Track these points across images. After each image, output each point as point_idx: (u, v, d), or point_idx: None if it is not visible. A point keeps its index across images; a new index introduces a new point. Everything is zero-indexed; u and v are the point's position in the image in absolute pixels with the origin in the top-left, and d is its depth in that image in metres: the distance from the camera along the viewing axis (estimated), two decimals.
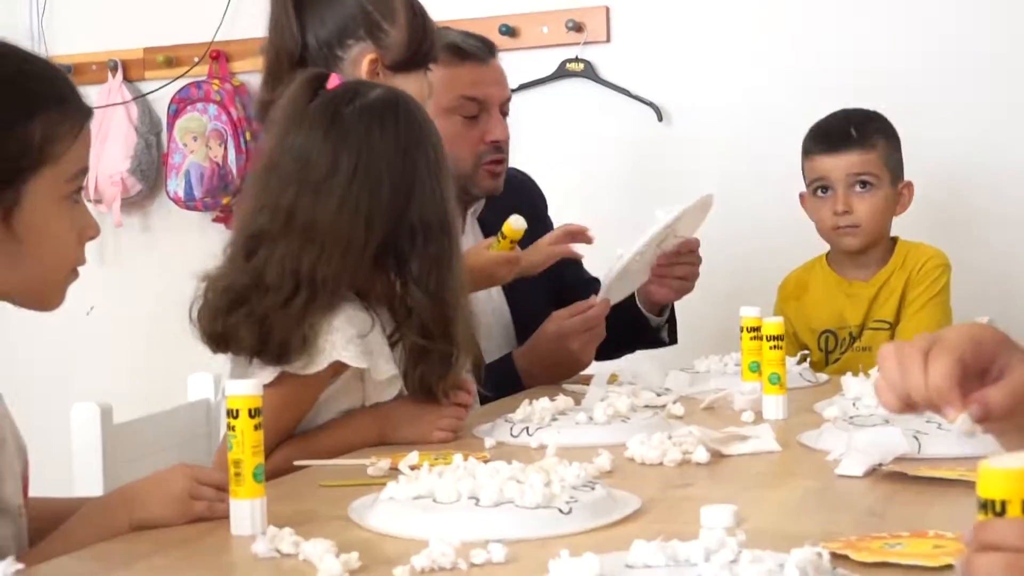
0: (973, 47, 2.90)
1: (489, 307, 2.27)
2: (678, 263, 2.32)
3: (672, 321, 2.46)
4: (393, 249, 1.65)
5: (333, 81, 1.74)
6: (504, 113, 2.36)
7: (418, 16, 2.07)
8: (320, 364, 1.62)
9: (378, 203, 1.64)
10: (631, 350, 2.44)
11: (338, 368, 1.65)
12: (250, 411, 1.22)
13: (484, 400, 2.04)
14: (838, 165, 2.43)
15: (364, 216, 1.63)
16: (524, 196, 2.47)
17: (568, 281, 2.43)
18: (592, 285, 2.48)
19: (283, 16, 2.02)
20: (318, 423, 1.71)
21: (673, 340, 2.47)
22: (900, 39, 2.95)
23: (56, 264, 1.33)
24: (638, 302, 2.38)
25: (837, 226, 2.44)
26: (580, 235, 2.27)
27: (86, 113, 1.36)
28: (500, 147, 2.34)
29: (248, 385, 1.23)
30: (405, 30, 2.04)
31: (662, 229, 2.20)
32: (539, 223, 2.43)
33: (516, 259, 2.11)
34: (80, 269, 3.15)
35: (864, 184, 2.42)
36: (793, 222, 2.59)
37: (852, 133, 2.42)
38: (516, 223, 2.07)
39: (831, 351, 2.47)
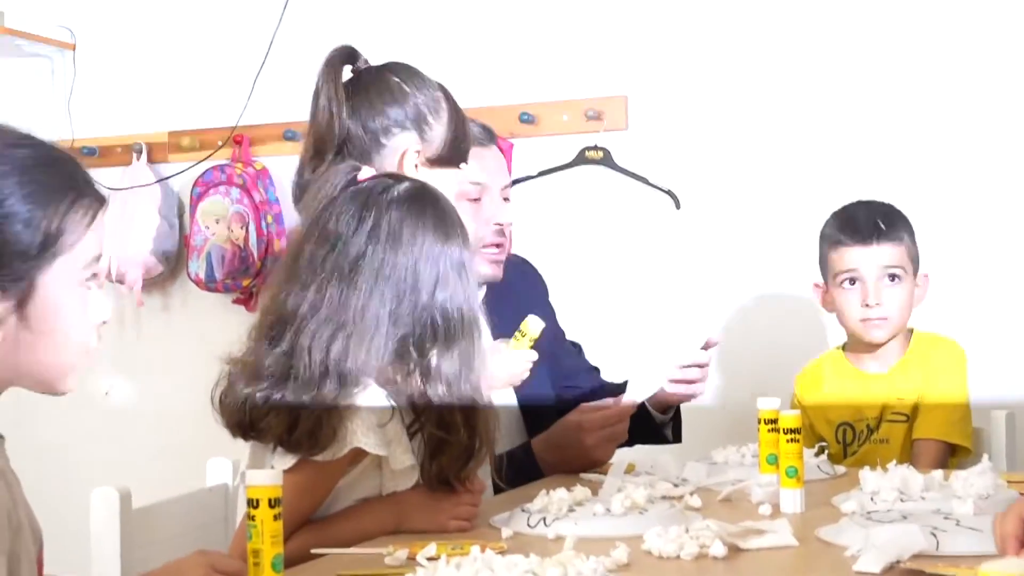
0: (981, 140, 2.93)
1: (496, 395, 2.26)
2: (690, 365, 2.30)
3: (677, 419, 2.43)
4: (415, 341, 1.67)
5: (365, 173, 1.77)
6: (504, 199, 2.35)
7: (458, 113, 2.10)
8: (340, 451, 1.63)
9: (403, 293, 1.66)
10: (631, 444, 2.36)
11: (357, 455, 1.65)
12: (270, 501, 1.22)
13: (498, 490, 2.04)
14: (870, 258, 2.42)
15: (390, 307, 1.64)
16: (525, 283, 2.47)
17: (566, 369, 2.44)
18: (593, 375, 2.48)
19: (332, 99, 2.03)
20: (335, 510, 1.71)
21: (677, 439, 2.44)
22: (910, 132, 2.97)
23: (68, 350, 1.34)
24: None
25: (866, 318, 2.43)
26: None
27: (101, 201, 1.38)
28: (502, 231, 2.35)
29: (268, 475, 1.23)
30: (447, 126, 2.07)
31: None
32: (540, 310, 2.43)
33: (533, 356, 2.11)
34: (101, 349, 3.16)
35: (893, 277, 2.42)
36: (809, 312, 2.60)
37: (881, 225, 2.41)
38: (534, 324, 2.08)
39: (849, 443, 2.46)
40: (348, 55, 2.11)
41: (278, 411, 1.61)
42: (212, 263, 3.50)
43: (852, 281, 2.44)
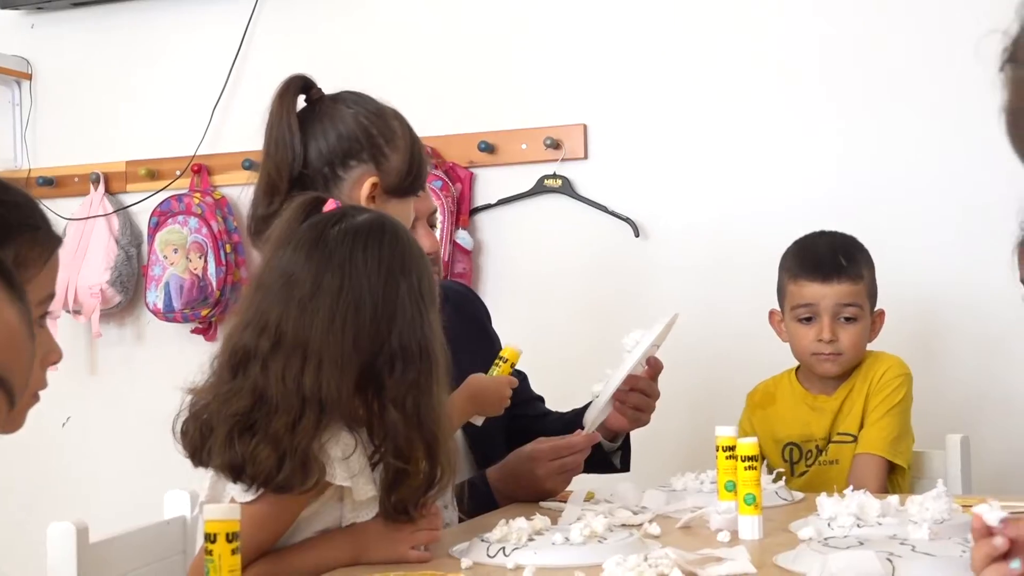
0: (936, 171, 2.95)
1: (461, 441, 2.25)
2: (635, 390, 2.29)
3: (626, 448, 2.42)
4: (374, 372, 1.67)
5: (329, 206, 1.77)
6: (432, 224, 2.28)
7: (415, 143, 2.09)
8: (307, 484, 1.62)
9: (361, 324, 1.65)
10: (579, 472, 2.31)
11: (322, 487, 1.65)
12: (227, 535, 1.22)
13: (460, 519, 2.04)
14: (828, 295, 2.42)
15: (350, 339, 1.64)
16: (467, 309, 2.44)
17: (513, 398, 2.44)
18: (535, 404, 2.47)
19: (286, 131, 2.03)
20: (293, 541, 1.71)
21: (625, 467, 2.42)
22: (870, 164, 3.00)
23: None
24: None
25: (818, 352, 2.43)
26: None
27: (56, 241, 1.37)
28: (433, 260, 2.32)
29: (226, 509, 1.23)
30: (404, 156, 2.06)
31: (637, 362, 2.22)
32: (483, 335, 2.44)
33: (515, 383, 2.12)
34: (57, 379, 3.13)
35: (849, 317, 2.42)
36: (765, 336, 2.61)
37: (842, 262, 2.41)
38: (517, 347, 2.10)
39: (796, 462, 2.48)
40: (301, 85, 2.11)
41: (266, 447, 1.61)
42: (171, 293, 3.49)
43: (808, 315, 2.45)
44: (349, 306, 1.65)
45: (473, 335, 2.36)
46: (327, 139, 2.05)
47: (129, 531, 1.84)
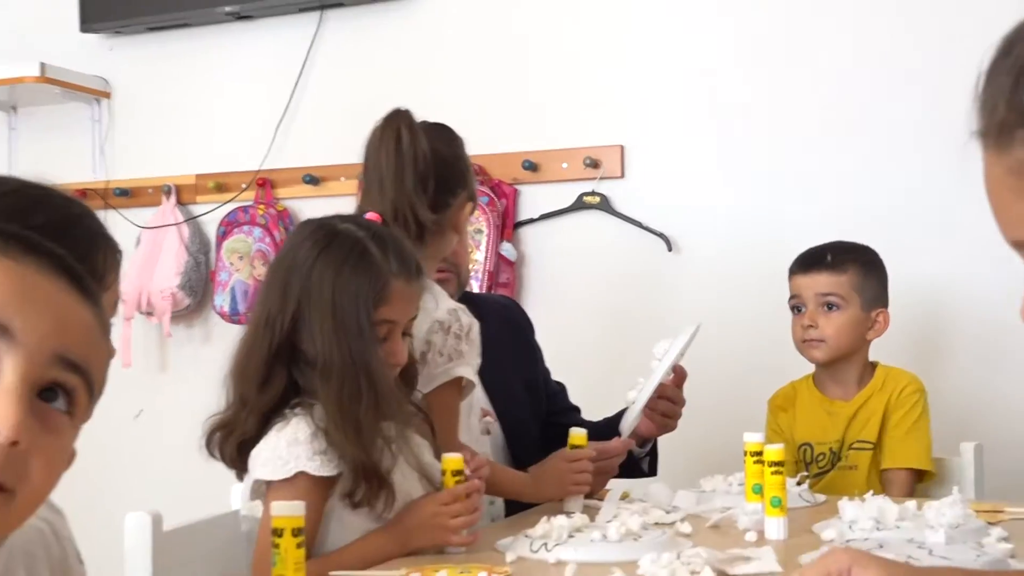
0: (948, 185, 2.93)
1: (484, 438, 2.25)
2: (663, 397, 2.30)
3: (653, 453, 2.42)
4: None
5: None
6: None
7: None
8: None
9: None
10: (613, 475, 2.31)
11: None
12: (293, 530, 1.23)
13: (512, 510, 2.06)
14: (809, 285, 2.48)
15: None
16: (512, 321, 2.44)
17: (550, 408, 2.44)
18: (572, 415, 2.46)
19: (416, 166, 2.03)
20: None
21: (653, 472, 2.42)
22: (898, 180, 2.99)
23: None
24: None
25: (805, 339, 2.49)
26: None
27: (121, 252, 1.39)
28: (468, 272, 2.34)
29: (291, 506, 1.24)
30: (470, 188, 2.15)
31: (667, 371, 2.22)
32: (526, 347, 2.44)
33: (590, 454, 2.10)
34: (131, 376, 3.15)
35: (830, 305, 2.46)
36: (789, 344, 2.60)
37: (827, 258, 2.48)
38: (577, 433, 2.08)
39: (809, 463, 2.48)
40: (446, 129, 2.11)
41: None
42: (236, 297, 3.52)
43: (798, 308, 2.51)
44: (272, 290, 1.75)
45: (517, 346, 2.37)
46: (443, 174, 2.09)
47: (200, 520, 1.86)
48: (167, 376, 3.71)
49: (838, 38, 3.05)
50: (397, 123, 2.03)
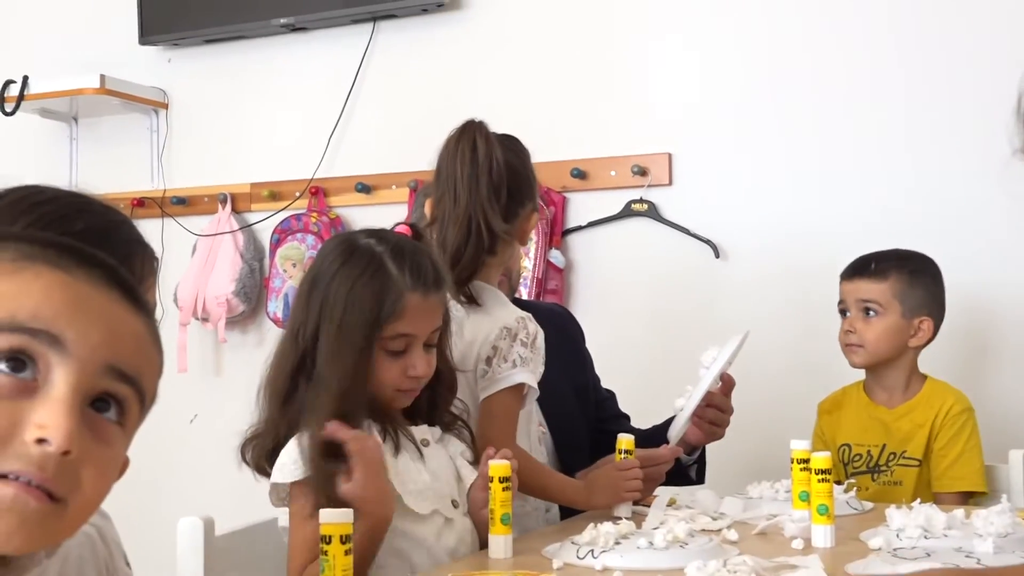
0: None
1: (542, 446, 2.24)
2: (711, 406, 2.28)
3: (702, 461, 2.41)
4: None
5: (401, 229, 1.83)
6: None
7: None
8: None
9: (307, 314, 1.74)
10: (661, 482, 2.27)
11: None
12: (342, 537, 1.23)
13: (565, 514, 2.05)
14: (851, 291, 2.51)
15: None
16: (564, 329, 2.43)
17: (599, 415, 2.43)
18: (621, 421, 2.45)
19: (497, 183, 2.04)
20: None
21: (701, 479, 2.41)
22: (938, 184, 2.95)
23: None
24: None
25: (846, 344, 2.51)
26: None
27: (158, 260, 1.40)
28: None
29: (340, 514, 1.24)
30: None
31: (715, 378, 2.20)
32: (577, 355, 2.43)
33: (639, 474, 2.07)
34: (187, 380, 3.13)
35: (868, 310, 2.47)
36: (837, 351, 2.57)
37: (871, 266, 2.49)
38: (625, 438, 2.05)
39: (847, 463, 2.48)
40: (470, 131, 2.08)
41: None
42: (289, 303, 3.53)
43: (844, 311, 2.53)
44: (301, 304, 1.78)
45: (568, 353, 2.36)
46: (509, 187, 2.10)
47: (251, 525, 1.86)
48: (222, 380, 3.73)
49: (887, 41, 3.01)
50: (472, 132, 2.04)
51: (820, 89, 3.08)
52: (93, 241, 0.97)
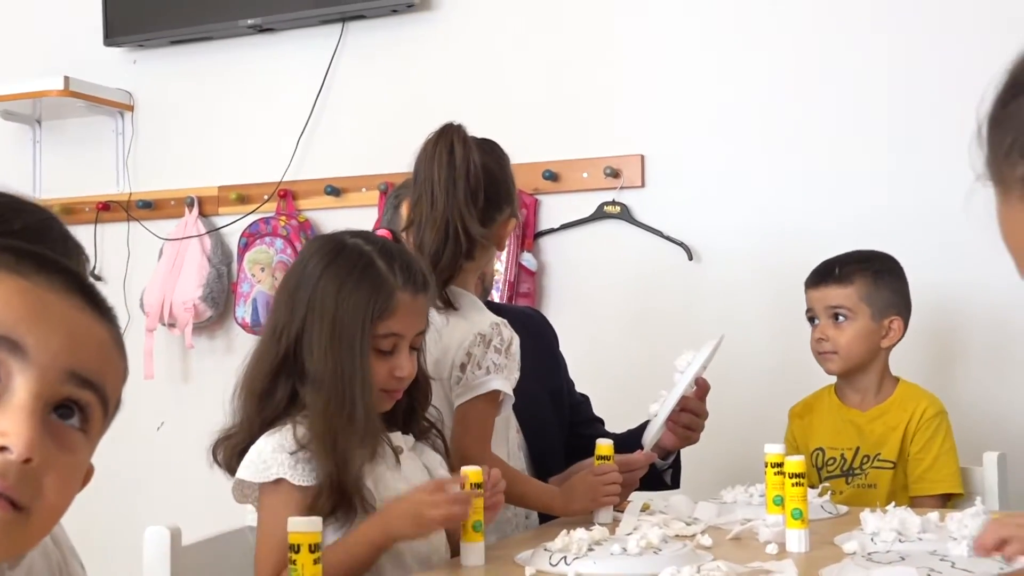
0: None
1: (521, 452, 2.24)
2: (686, 410, 2.29)
3: (676, 466, 2.41)
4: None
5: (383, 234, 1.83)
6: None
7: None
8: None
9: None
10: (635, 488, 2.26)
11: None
12: (310, 546, 1.23)
13: (544, 518, 2.05)
14: (819, 298, 2.52)
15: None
16: (537, 333, 2.42)
17: (573, 419, 2.43)
18: (596, 426, 2.45)
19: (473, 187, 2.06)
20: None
21: (675, 484, 2.41)
22: (915, 184, 2.96)
23: None
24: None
25: (819, 351, 2.52)
26: None
27: (88, 258, 1.38)
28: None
29: (308, 522, 1.24)
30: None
31: (689, 383, 2.21)
32: (551, 359, 2.43)
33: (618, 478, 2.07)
34: (153, 387, 3.10)
35: (837, 316, 2.48)
36: (810, 354, 2.58)
37: (835, 271, 2.51)
38: (603, 443, 2.06)
39: (820, 467, 2.48)
40: (448, 135, 2.09)
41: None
42: (257, 308, 3.52)
43: (812, 319, 2.54)
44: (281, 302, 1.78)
45: (541, 356, 2.36)
46: (484, 191, 2.12)
47: (219, 534, 1.85)
48: (189, 387, 3.72)
49: (865, 42, 3.03)
50: (450, 136, 2.05)
51: (795, 88, 3.09)
52: (32, 239, 0.96)
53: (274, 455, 1.66)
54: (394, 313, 1.72)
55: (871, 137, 3.02)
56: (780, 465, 1.85)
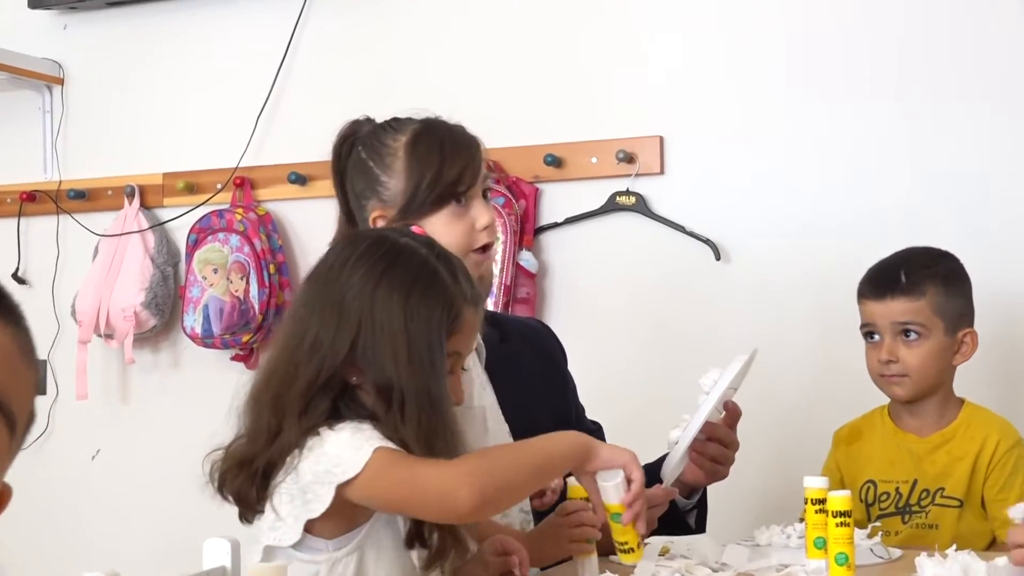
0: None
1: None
2: (713, 439, 2.28)
3: (702, 506, 2.40)
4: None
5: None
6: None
7: (424, 154, 2.10)
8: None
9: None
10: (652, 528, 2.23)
11: None
12: None
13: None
14: (883, 312, 2.47)
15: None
16: (543, 349, 2.43)
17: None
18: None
19: (336, 187, 2.18)
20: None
21: (701, 528, 2.40)
22: (965, 176, 2.98)
23: None
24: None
25: (883, 374, 2.48)
26: None
27: None
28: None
29: (272, 569, 1.25)
30: (403, 176, 2.09)
31: (716, 406, 2.20)
32: (558, 377, 2.44)
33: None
34: (88, 409, 3.07)
35: (908, 333, 2.45)
36: (858, 370, 2.59)
37: (901, 279, 2.46)
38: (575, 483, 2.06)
39: (871, 503, 2.48)
40: (346, 136, 2.18)
41: None
42: (210, 316, 3.53)
43: (871, 335, 2.50)
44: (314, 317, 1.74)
45: (547, 377, 2.37)
46: (352, 188, 2.17)
47: None
48: (129, 409, 3.73)
49: (910, 12, 3.04)
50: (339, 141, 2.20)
51: (838, 61, 3.10)
52: None
53: (355, 437, 1.65)
54: (460, 330, 1.74)
55: (931, 119, 3.02)
56: (822, 501, 1.86)
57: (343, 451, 1.63)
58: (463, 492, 1.59)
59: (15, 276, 3.82)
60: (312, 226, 3.45)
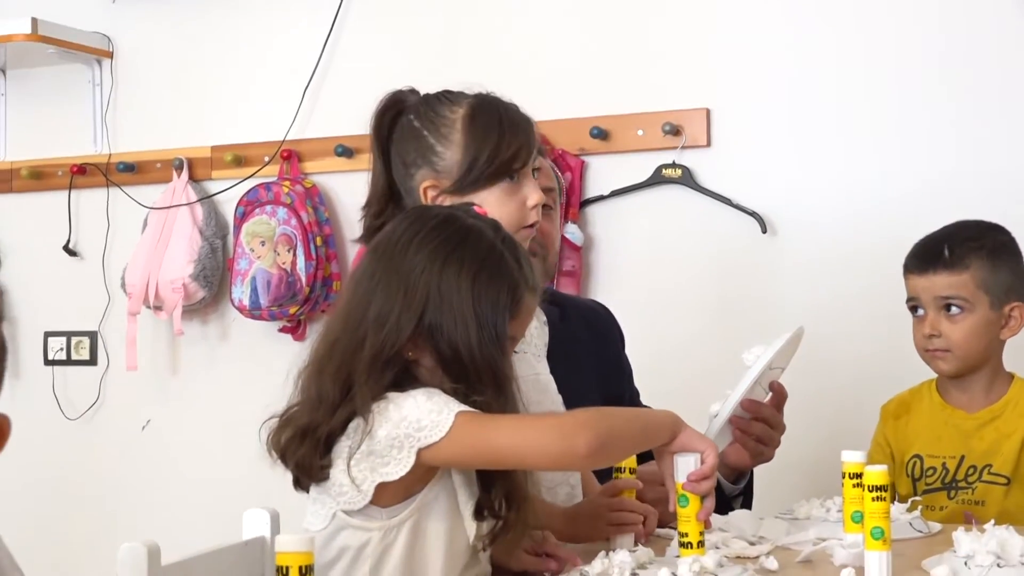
0: None
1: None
2: (759, 419, 2.27)
3: (748, 492, 2.39)
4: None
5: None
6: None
7: (483, 129, 2.08)
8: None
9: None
10: None
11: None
12: (301, 568, 1.25)
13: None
14: (926, 287, 2.47)
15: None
16: (601, 331, 2.44)
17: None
18: None
19: (376, 155, 2.14)
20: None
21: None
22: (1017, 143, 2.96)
23: None
24: None
25: (928, 349, 2.48)
26: None
27: None
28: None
29: (299, 541, 1.26)
30: (460, 149, 2.09)
31: (754, 381, 2.19)
32: (615, 360, 2.44)
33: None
34: (137, 381, 3.09)
35: (950, 307, 2.45)
36: (906, 345, 2.59)
37: (945, 253, 2.45)
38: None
39: (917, 479, 2.47)
40: (391, 104, 2.14)
41: None
42: (257, 288, 3.55)
43: (916, 309, 2.50)
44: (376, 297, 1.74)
45: (603, 359, 2.37)
46: (399, 154, 2.12)
47: (204, 553, 1.87)
48: (178, 380, 3.76)
49: None
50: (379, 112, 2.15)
51: (890, 30, 3.08)
52: None
53: (433, 400, 1.66)
54: (519, 315, 1.76)
55: (981, 85, 3.00)
56: (859, 475, 1.85)
57: (423, 415, 1.65)
58: (582, 436, 1.62)
59: (66, 248, 3.87)
60: (359, 198, 3.40)
